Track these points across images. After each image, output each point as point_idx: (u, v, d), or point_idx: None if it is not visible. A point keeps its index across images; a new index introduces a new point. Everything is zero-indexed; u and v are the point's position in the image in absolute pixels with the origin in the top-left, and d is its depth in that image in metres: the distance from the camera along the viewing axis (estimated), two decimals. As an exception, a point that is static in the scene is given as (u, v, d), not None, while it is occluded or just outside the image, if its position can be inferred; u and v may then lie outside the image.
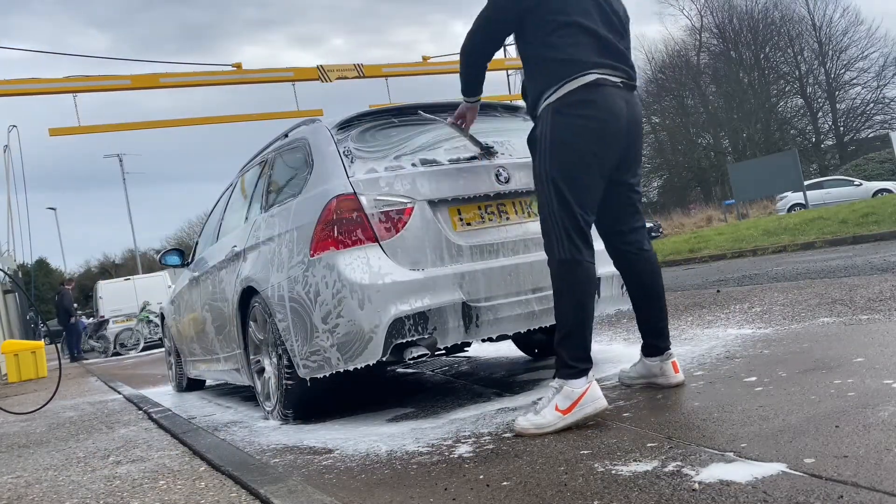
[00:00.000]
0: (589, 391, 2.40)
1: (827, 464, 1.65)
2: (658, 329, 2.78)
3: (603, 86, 2.54)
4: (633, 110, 2.63)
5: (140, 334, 17.72)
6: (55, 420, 4.67)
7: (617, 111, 2.55)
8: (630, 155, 2.69)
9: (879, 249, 7.84)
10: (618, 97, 2.57)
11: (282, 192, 3.56)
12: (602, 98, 2.54)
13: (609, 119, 2.54)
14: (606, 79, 2.56)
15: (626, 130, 2.59)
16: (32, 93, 10.44)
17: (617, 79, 2.59)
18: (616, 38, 2.65)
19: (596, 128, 2.52)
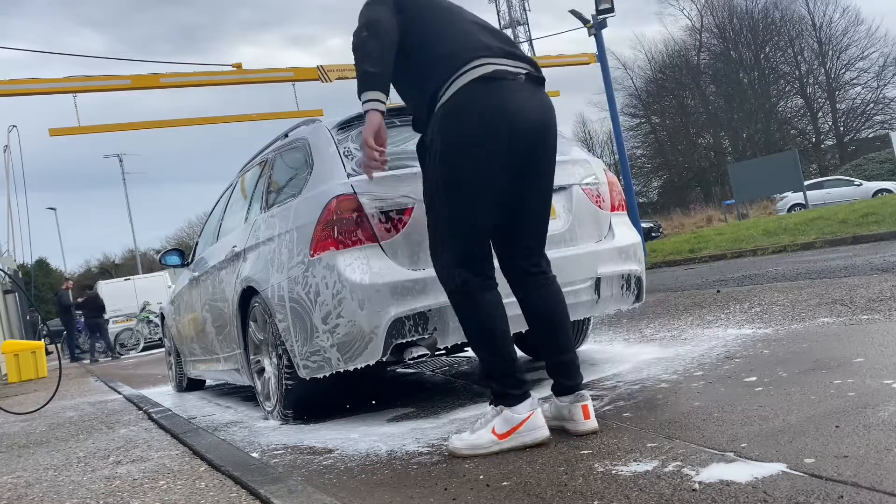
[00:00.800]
0: (530, 419, 2.22)
1: (827, 464, 1.65)
2: (562, 364, 2.36)
3: (493, 80, 2.22)
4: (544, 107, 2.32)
5: (140, 334, 17.72)
6: (55, 420, 4.67)
7: (509, 105, 2.22)
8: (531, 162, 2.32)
9: (879, 249, 7.84)
10: (513, 91, 2.24)
11: (282, 193, 3.56)
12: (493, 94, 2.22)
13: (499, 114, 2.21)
14: (504, 70, 2.25)
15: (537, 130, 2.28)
16: (32, 93, 10.44)
17: (518, 70, 2.27)
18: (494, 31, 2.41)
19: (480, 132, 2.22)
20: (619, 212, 3.54)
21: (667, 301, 6.11)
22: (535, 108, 2.29)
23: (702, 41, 44.89)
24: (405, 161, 3.11)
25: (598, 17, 14.35)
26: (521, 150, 2.26)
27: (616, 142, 16.58)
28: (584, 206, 3.32)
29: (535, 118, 2.29)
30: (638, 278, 3.44)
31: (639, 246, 3.51)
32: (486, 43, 2.31)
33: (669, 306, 5.68)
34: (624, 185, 13.69)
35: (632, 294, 3.42)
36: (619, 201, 3.55)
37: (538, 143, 2.30)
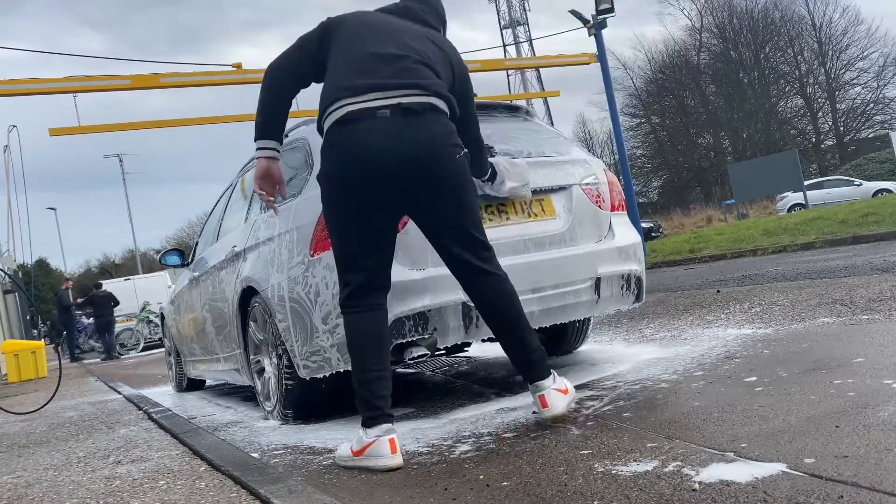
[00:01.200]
0: (373, 446, 2.25)
1: (827, 464, 1.65)
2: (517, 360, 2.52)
3: (352, 122, 2.29)
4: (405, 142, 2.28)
5: (140, 334, 17.72)
6: (55, 420, 4.67)
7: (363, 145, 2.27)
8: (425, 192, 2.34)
9: (879, 249, 7.84)
10: (372, 133, 2.27)
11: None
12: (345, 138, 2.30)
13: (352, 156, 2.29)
14: (357, 109, 2.29)
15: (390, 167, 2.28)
16: (32, 93, 10.43)
17: (378, 103, 2.28)
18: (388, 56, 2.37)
19: (339, 173, 2.33)
20: (619, 212, 3.54)
21: (667, 301, 6.11)
22: (394, 144, 2.28)
23: (702, 41, 44.92)
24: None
25: (598, 17, 14.34)
26: (386, 185, 2.31)
27: (616, 142, 16.58)
28: (584, 207, 3.32)
29: (394, 154, 2.28)
30: (638, 278, 3.44)
31: (639, 246, 3.51)
32: (352, 82, 2.34)
33: (669, 306, 5.68)
34: (624, 185, 13.68)
35: (632, 294, 3.43)
36: (619, 201, 3.55)
37: (404, 176, 2.31)
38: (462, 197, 2.41)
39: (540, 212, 3.22)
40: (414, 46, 2.44)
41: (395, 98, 2.29)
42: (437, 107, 2.36)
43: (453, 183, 2.37)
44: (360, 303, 2.40)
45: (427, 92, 2.34)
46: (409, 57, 2.39)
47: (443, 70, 2.46)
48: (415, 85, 2.33)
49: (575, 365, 3.70)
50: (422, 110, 2.32)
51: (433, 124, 2.34)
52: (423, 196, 2.37)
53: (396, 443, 2.29)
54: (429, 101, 2.34)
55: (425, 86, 2.34)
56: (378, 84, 2.32)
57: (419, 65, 2.39)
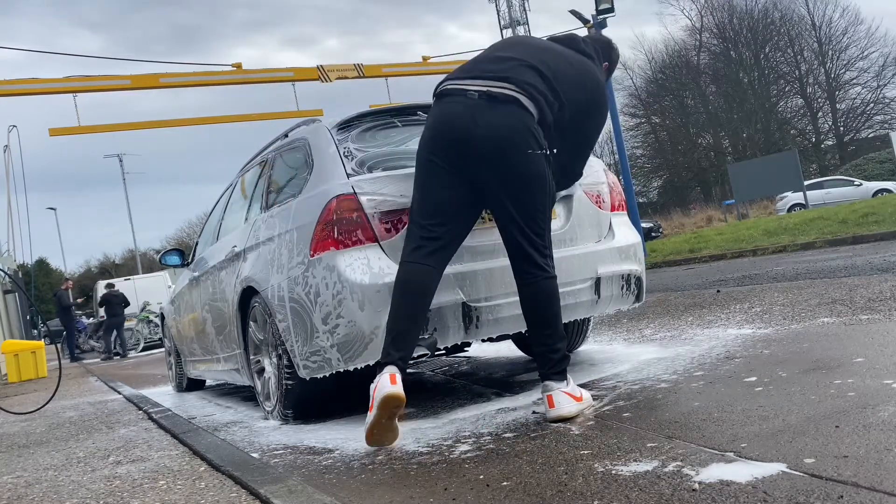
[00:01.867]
0: (378, 384, 2.43)
1: (827, 464, 1.65)
2: (536, 355, 2.67)
3: (447, 95, 2.62)
4: (483, 122, 2.53)
5: (140, 334, 17.72)
6: (55, 420, 4.67)
7: (448, 115, 2.59)
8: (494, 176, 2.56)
9: (879, 249, 7.84)
10: (458, 106, 2.57)
11: (282, 193, 3.56)
12: (438, 108, 2.64)
13: (439, 122, 2.61)
14: (454, 87, 2.61)
15: (467, 140, 2.54)
16: (32, 93, 10.44)
17: (470, 87, 2.58)
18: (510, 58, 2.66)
19: (427, 136, 2.64)
20: (619, 212, 3.54)
21: (667, 301, 6.11)
22: (473, 121, 2.53)
23: (702, 41, 44.88)
24: (405, 161, 3.11)
25: (598, 17, 14.35)
26: (460, 155, 2.56)
27: (616, 142, 16.58)
28: (584, 207, 3.32)
29: (470, 130, 2.53)
30: (638, 278, 3.44)
31: (639, 246, 3.51)
32: (463, 70, 2.70)
33: (669, 306, 5.68)
34: (624, 185, 13.69)
35: (632, 294, 3.42)
36: (619, 201, 3.55)
37: (475, 150, 2.54)
38: (529, 188, 2.57)
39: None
40: (538, 56, 2.68)
41: (486, 86, 2.56)
42: (520, 101, 2.55)
43: (521, 172, 2.54)
44: (413, 257, 2.60)
45: (515, 87, 2.55)
46: (522, 60, 2.63)
47: (562, 85, 2.64)
48: (506, 79, 2.57)
49: (575, 365, 3.70)
50: (504, 100, 2.54)
51: (511, 114, 2.54)
52: (491, 176, 2.56)
53: (397, 377, 2.43)
54: (514, 94, 2.55)
55: (516, 81, 2.56)
56: (479, 73, 2.62)
57: (526, 67, 2.61)
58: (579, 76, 2.72)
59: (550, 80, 2.62)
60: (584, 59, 2.81)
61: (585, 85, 2.73)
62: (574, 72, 2.72)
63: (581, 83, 2.71)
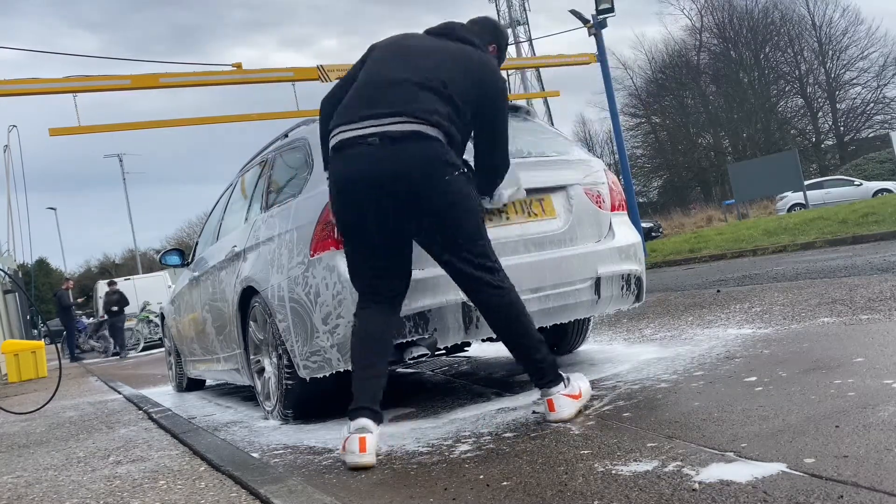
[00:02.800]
0: (347, 441, 2.36)
1: (827, 464, 1.65)
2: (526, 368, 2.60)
3: (346, 147, 2.48)
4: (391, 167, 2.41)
5: (140, 334, 17.72)
6: (55, 420, 4.67)
7: (352, 170, 2.46)
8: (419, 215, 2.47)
9: (879, 249, 7.84)
10: (361, 158, 2.44)
11: (282, 192, 3.56)
12: (340, 163, 2.51)
13: (344, 180, 2.49)
14: (351, 137, 2.47)
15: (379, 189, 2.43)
16: (32, 93, 10.43)
17: (368, 131, 2.44)
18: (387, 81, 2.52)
19: (336, 195, 2.54)
20: (620, 212, 3.54)
21: (667, 301, 6.11)
22: (379, 169, 2.43)
23: (702, 41, 44.87)
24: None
25: (598, 17, 14.35)
26: (376, 207, 2.46)
27: (616, 142, 16.58)
28: (584, 207, 3.32)
29: (379, 178, 2.43)
30: (638, 278, 3.44)
31: (639, 246, 3.51)
32: (351, 110, 2.54)
33: (669, 306, 5.68)
34: (624, 185, 13.67)
35: (632, 294, 3.42)
36: (619, 201, 3.55)
37: (391, 198, 2.45)
38: (458, 213, 2.48)
39: (540, 212, 3.22)
40: (422, 67, 2.54)
41: (383, 126, 2.44)
42: (422, 133, 2.43)
43: (445, 202, 2.45)
44: (364, 305, 2.58)
45: (414, 119, 2.43)
46: (408, 80, 2.50)
47: (455, 90, 2.51)
48: (402, 112, 2.44)
49: (575, 365, 3.70)
50: (404, 137, 2.42)
51: (416, 149, 2.43)
52: (414, 216, 2.48)
53: (367, 442, 2.33)
54: (413, 128, 2.42)
55: (412, 112, 2.44)
56: (371, 113, 2.47)
57: (417, 88, 2.49)
58: (466, 72, 2.57)
59: (444, 93, 2.49)
60: (467, 51, 2.63)
61: (474, 79, 2.57)
62: (461, 69, 2.56)
63: (470, 79, 2.56)
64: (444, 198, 2.45)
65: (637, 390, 2.81)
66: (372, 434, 2.36)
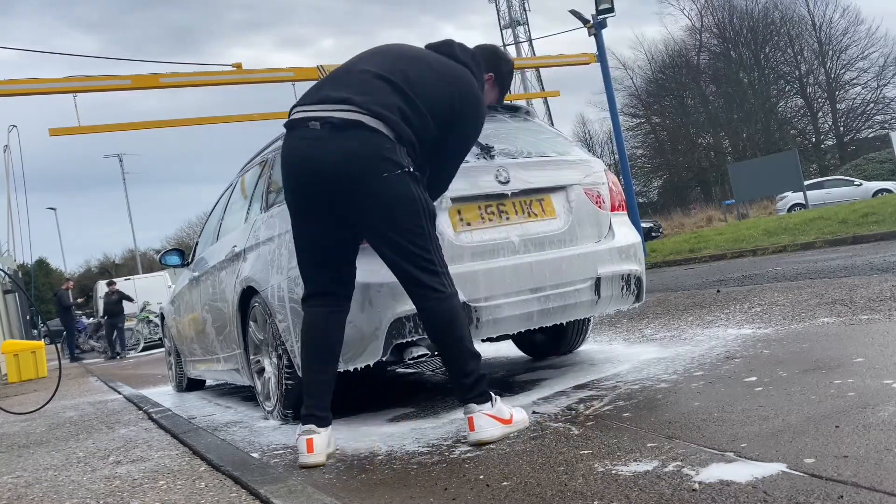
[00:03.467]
0: (297, 442, 2.45)
1: (827, 464, 1.65)
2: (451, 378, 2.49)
3: (292, 128, 2.49)
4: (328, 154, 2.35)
5: (140, 334, 17.72)
6: (55, 420, 4.67)
7: (293, 153, 2.46)
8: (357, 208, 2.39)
9: (879, 249, 7.84)
10: (301, 141, 2.42)
11: (282, 193, 3.55)
12: (286, 143, 2.52)
13: (286, 162, 2.49)
14: (298, 118, 2.46)
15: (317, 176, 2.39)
16: (32, 93, 10.43)
17: (312, 114, 2.41)
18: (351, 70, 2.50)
19: (283, 174, 2.54)
20: (619, 212, 3.54)
21: (667, 301, 6.11)
22: (315, 155, 2.39)
23: (702, 41, 44.86)
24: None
25: (598, 17, 14.35)
26: (311, 193, 2.44)
27: (616, 142, 16.58)
28: (584, 207, 3.32)
29: (314, 164, 2.40)
30: (638, 278, 3.44)
31: (639, 246, 3.51)
32: (312, 92, 2.54)
33: (669, 306, 5.68)
34: (624, 185, 13.67)
35: (632, 294, 3.42)
36: (619, 201, 3.55)
37: (324, 186, 2.40)
38: (394, 212, 2.37)
39: (540, 212, 3.22)
40: (395, 66, 2.46)
41: (328, 111, 2.39)
42: (365, 124, 2.34)
43: (382, 199, 2.36)
44: (312, 302, 2.57)
45: (359, 109, 2.35)
46: (369, 71, 2.45)
47: (421, 95, 2.42)
48: (348, 100, 2.37)
49: (575, 365, 3.70)
50: (347, 125, 2.35)
51: (355, 141, 2.35)
52: (353, 208, 2.42)
53: (314, 442, 2.43)
54: (357, 118, 2.35)
55: (360, 103, 2.36)
56: (322, 97, 2.45)
57: (374, 78, 2.42)
58: (444, 83, 2.48)
59: (405, 91, 2.40)
60: (453, 66, 2.54)
61: (448, 91, 2.47)
62: (436, 78, 2.47)
63: (444, 91, 2.46)
64: (384, 194, 2.35)
65: (637, 390, 2.81)
66: (319, 435, 2.44)
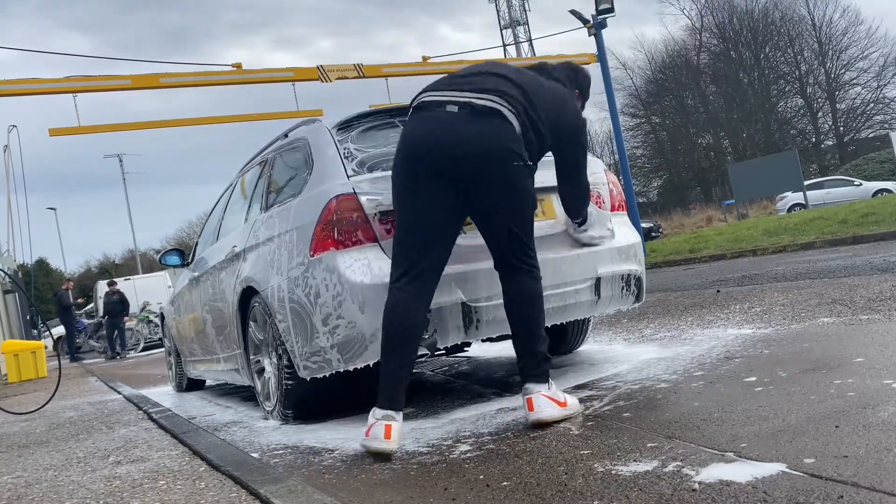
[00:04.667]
0: (371, 428, 2.41)
1: (827, 464, 1.65)
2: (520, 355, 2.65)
3: (424, 108, 2.55)
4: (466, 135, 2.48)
5: (140, 334, 17.72)
6: (55, 420, 4.67)
7: (425, 132, 2.52)
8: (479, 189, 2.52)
9: (879, 249, 7.84)
10: (438, 120, 2.50)
11: (282, 193, 3.56)
12: (417, 121, 2.56)
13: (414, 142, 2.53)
14: (431, 100, 2.54)
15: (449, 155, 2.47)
16: (32, 93, 10.44)
17: (451, 99, 2.51)
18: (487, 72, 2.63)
19: (405, 152, 2.56)
20: (619, 212, 3.54)
21: (667, 301, 6.11)
22: (452, 135, 2.47)
23: (702, 41, 44.85)
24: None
25: (598, 17, 14.35)
26: (439, 171, 2.49)
27: (616, 142, 16.59)
28: (584, 207, 3.31)
29: (449, 144, 2.47)
30: (638, 278, 3.44)
31: (639, 246, 3.51)
32: (438, 82, 2.64)
33: (669, 306, 5.68)
34: (624, 185, 13.68)
35: (632, 294, 3.42)
36: (619, 201, 3.55)
37: (456, 164, 2.48)
38: (514, 199, 2.54)
39: (540, 212, 3.21)
40: (518, 77, 2.63)
41: (467, 97, 2.51)
42: (503, 114, 2.49)
43: (506, 184, 2.51)
44: (402, 283, 2.54)
45: (498, 100, 2.50)
46: (503, 76, 2.60)
47: (540, 110, 2.58)
48: (490, 91, 2.51)
49: (575, 365, 3.70)
50: (487, 112, 2.48)
51: (494, 127, 2.49)
52: (478, 187, 2.51)
53: (393, 429, 2.40)
54: (497, 108, 2.49)
55: (499, 93, 2.51)
56: (458, 86, 2.56)
57: (507, 82, 2.57)
58: (556, 101, 2.69)
59: (533, 101, 2.57)
60: (557, 86, 2.77)
61: (557, 108, 2.68)
62: (550, 97, 2.67)
63: (554, 108, 2.66)
64: (509, 180, 2.51)
65: (637, 390, 2.81)
66: (397, 422, 2.43)
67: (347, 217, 2.90)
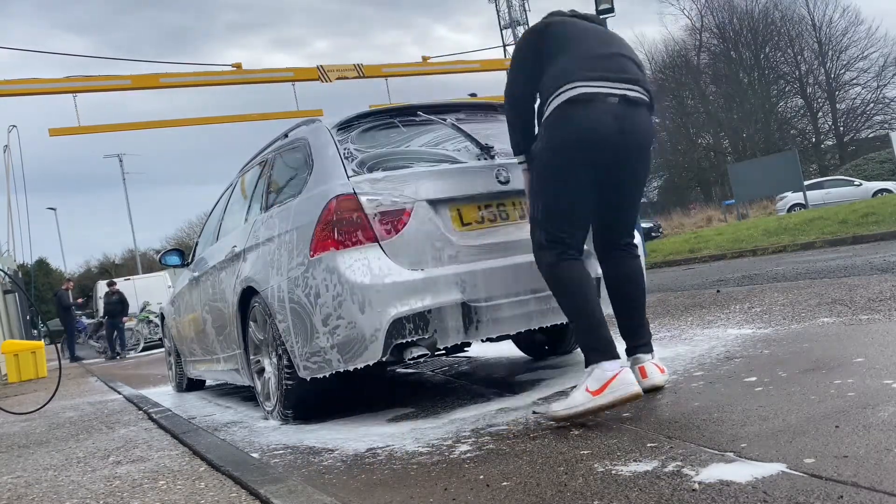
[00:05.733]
0: (620, 375, 2.41)
1: (827, 464, 1.65)
2: (626, 327, 2.87)
3: (585, 101, 2.58)
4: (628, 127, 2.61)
5: (140, 334, 17.71)
6: (55, 420, 4.67)
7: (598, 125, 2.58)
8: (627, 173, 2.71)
9: (879, 249, 7.84)
10: (602, 114, 2.57)
11: (282, 193, 3.56)
12: (583, 113, 2.59)
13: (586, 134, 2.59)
14: (591, 92, 2.58)
15: (613, 145, 2.59)
16: (32, 93, 10.44)
17: (607, 90, 2.59)
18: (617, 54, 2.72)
19: (573, 142, 2.60)
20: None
21: (667, 301, 6.11)
22: (619, 127, 2.58)
23: (702, 41, 44.85)
24: (405, 161, 3.11)
25: (598, 17, 14.35)
26: (604, 159, 2.61)
27: (616, 142, 16.54)
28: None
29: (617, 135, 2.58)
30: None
31: (639, 246, 3.50)
32: (582, 72, 2.61)
33: (669, 306, 5.68)
34: (624, 185, 13.62)
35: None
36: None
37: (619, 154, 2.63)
38: (643, 184, 2.87)
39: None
40: (623, 46, 2.79)
41: (622, 90, 2.62)
42: (648, 105, 2.71)
43: (646, 168, 2.78)
44: (573, 254, 2.65)
45: (643, 90, 2.69)
46: (623, 55, 2.73)
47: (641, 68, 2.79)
48: (635, 81, 2.67)
49: (575, 365, 3.70)
50: (640, 104, 2.68)
51: (646, 118, 2.72)
52: (624, 173, 2.70)
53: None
54: (644, 98, 2.69)
55: (643, 83, 2.70)
56: (605, 76, 2.63)
57: (630, 63, 2.72)
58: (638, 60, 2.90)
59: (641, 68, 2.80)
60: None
61: None
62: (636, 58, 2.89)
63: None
64: (648, 165, 2.80)
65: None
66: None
67: (347, 217, 2.90)
